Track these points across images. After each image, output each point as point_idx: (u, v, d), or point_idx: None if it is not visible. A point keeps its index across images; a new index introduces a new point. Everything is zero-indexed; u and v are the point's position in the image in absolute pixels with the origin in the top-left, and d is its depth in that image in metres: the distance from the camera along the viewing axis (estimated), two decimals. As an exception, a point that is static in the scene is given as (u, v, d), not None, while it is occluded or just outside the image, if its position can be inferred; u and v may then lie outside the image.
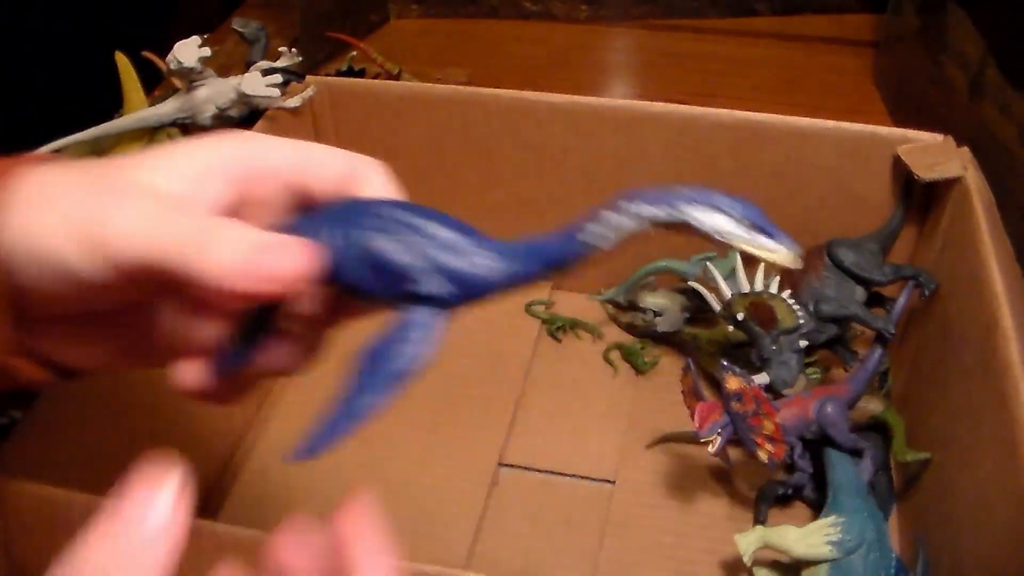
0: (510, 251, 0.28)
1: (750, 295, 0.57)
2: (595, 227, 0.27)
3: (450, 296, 0.28)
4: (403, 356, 0.27)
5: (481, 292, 0.28)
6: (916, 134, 0.61)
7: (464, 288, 0.28)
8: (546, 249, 0.28)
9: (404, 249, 0.28)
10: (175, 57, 0.65)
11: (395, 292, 0.28)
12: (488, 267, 0.28)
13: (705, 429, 0.53)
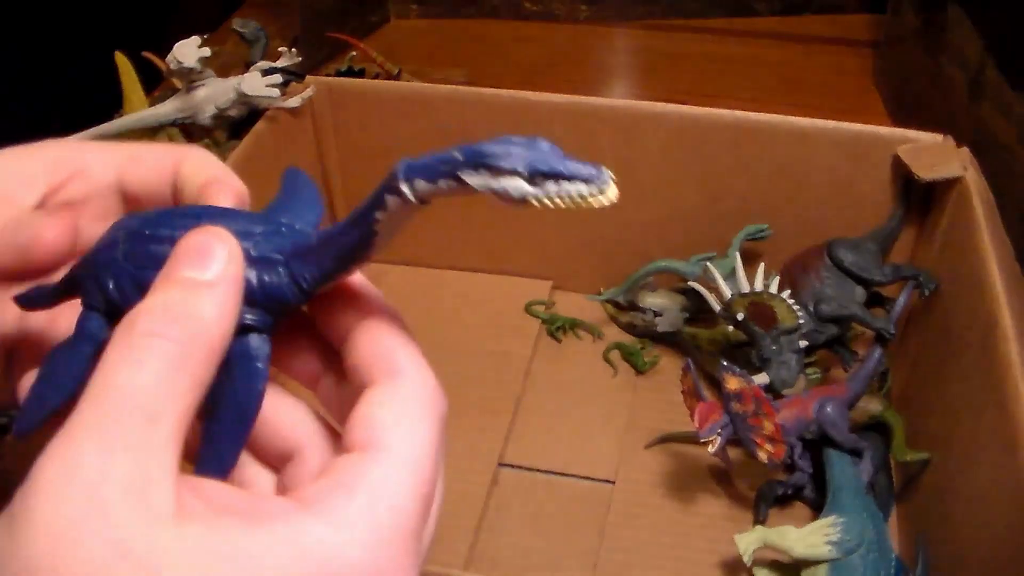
0: (303, 252, 0.25)
1: (750, 295, 0.57)
2: (380, 215, 0.24)
3: (266, 320, 0.25)
4: (248, 394, 0.25)
5: (294, 305, 0.26)
6: (916, 134, 0.61)
7: (277, 307, 0.25)
8: (339, 242, 0.25)
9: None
10: (175, 57, 0.65)
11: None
12: (281, 281, 0.25)
13: (705, 429, 0.53)
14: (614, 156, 0.66)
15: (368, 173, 0.76)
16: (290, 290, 0.25)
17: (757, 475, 0.59)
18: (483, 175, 0.22)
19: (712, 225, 0.67)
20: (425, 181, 0.23)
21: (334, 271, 0.25)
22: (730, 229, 0.66)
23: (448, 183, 0.23)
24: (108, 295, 0.26)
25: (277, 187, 0.31)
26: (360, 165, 0.74)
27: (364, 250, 0.24)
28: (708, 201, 0.67)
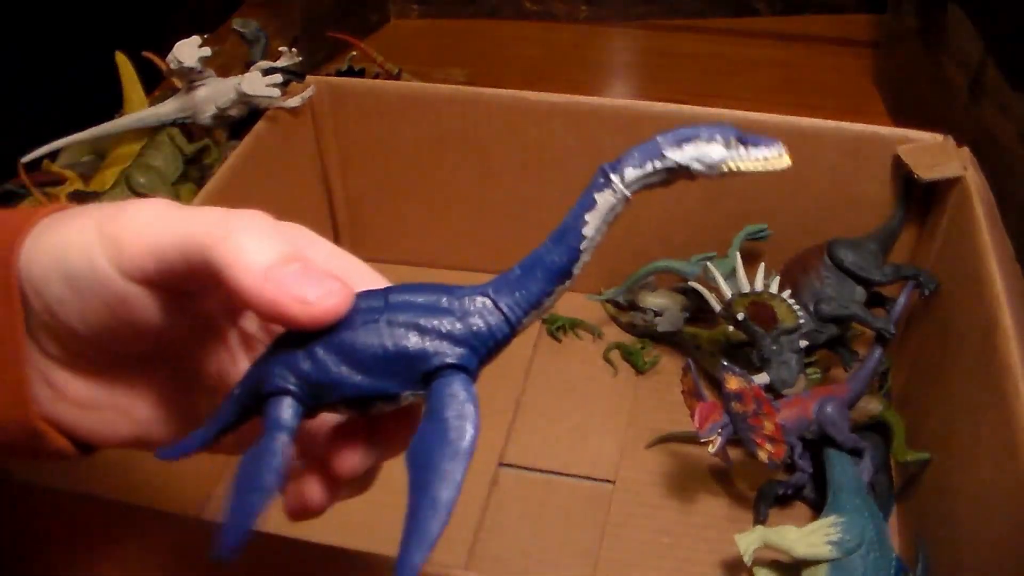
0: (506, 283, 0.26)
1: (750, 295, 0.57)
2: (590, 217, 0.25)
3: (471, 359, 0.25)
4: (460, 437, 0.24)
5: (500, 339, 0.26)
6: (916, 134, 0.61)
7: (482, 341, 0.26)
8: (543, 261, 0.26)
9: (392, 333, 0.25)
10: (175, 57, 0.65)
11: (409, 380, 0.25)
12: (490, 314, 0.26)
13: (705, 429, 0.53)
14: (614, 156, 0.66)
15: (368, 173, 0.77)
16: (498, 325, 0.26)
17: (757, 475, 0.59)
18: (686, 149, 0.24)
19: (712, 225, 0.67)
20: (633, 168, 0.25)
21: (541, 294, 0.26)
22: (730, 229, 0.66)
23: (654, 164, 0.25)
24: (302, 371, 0.26)
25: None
26: (360, 165, 0.74)
27: (571, 263, 0.25)
28: (708, 201, 0.67)
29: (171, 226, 0.26)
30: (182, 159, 0.75)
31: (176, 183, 0.74)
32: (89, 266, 0.26)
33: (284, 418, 0.26)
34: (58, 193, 0.73)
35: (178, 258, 0.26)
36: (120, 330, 0.27)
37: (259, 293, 0.25)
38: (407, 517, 0.23)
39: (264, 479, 0.24)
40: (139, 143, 0.76)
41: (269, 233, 0.26)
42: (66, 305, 0.27)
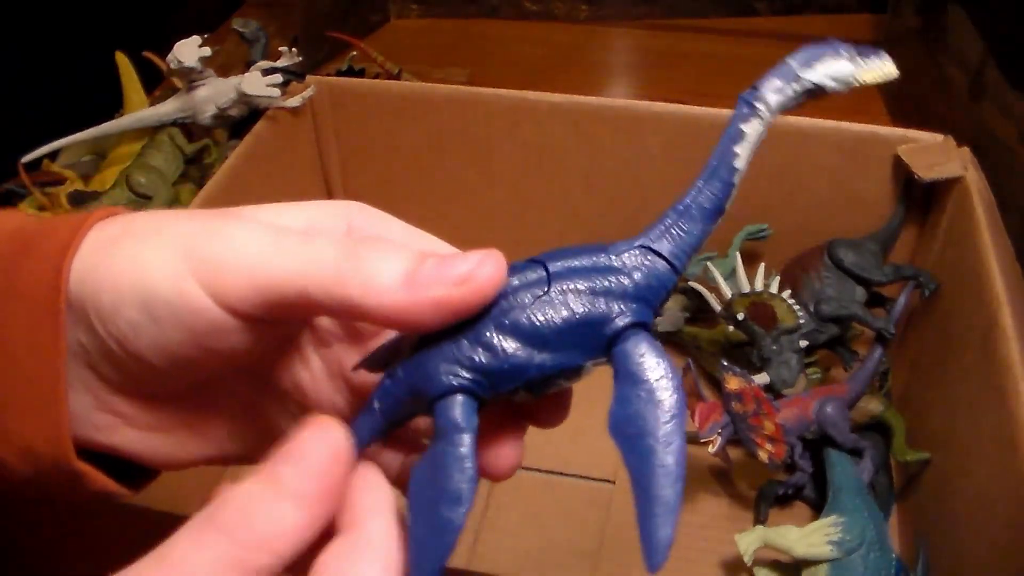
0: (664, 230, 0.25)
1: (750, 295, 0.57)
2: (740, 149, 0.26)
3: (648, 314, 0.24)
4: (669, 398, 0.22)
5: (670, 288, 0.25)
6: (916, 134, 0.61)
7: (654, 293, 0.24)
8: (698, 202, 0.25)
9: (567, 301, 0.24)
10: (175, 57, 0.65)
11: (594, 348, 0.24)
12: (656, 264, 0.25)
13: (705, 429, 0.53)
14: (614, 156, 0.66)
15: (368, 173, 0.77)
16: (666, 275, 0.25)
17: (757, 475, 0.59)
18: (817, 68, 0.25)
19: (712, 225, 0.67)
20: (774, 93, 0.25)
21: (702, 235, 0.25)
22: (730, 229, 0.66)
23: (793, 87, 0.25)
24: (477, 364, 0.24)
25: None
26: (360, 165, 0.74)
27: (726, 198, 0.25)
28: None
29: (280, 259, 0.24)
30: (182, 159, 0.75)
31: (176, 183, 0.74)
32: (178, 294, 0.24)
33: (463, 418, 0.24)
34: (58, 193, 0.73)
35: (293, 295, 0.24)
36: (201, 359, 0.25)
37: (413, 301, 0.23)
38: (637, 493, 0.21)
39: (458, 489, 0.23)
40: (139, 143, 0.76)
41: (390, 245, 0.24)
42: (142, 335, 0.24)
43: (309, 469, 0.23)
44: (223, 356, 0.25)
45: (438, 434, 0.24)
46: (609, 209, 0.69)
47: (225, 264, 0.24)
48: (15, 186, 0.77)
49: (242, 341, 0.25)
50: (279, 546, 0.22)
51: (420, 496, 0.23)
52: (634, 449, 0.22)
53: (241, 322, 0.24)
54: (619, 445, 0.22)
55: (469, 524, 0.58)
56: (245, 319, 0.24)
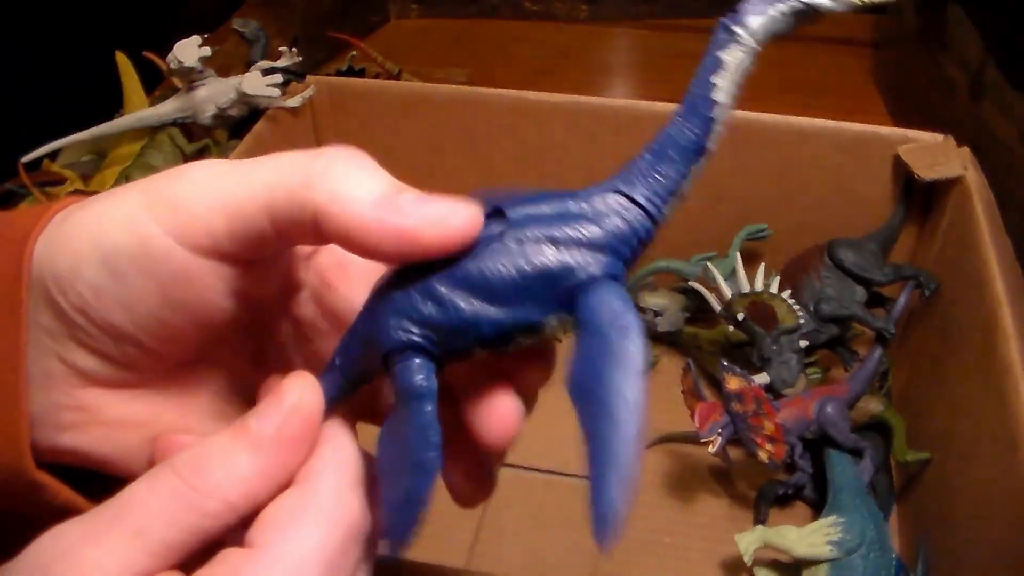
0: (637, 172, 0.23)
1: (750, 295, 0.57)
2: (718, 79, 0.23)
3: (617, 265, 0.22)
4: (629, 351, 0.20)
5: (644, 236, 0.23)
6: (916, 134, 0.61)
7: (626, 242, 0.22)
8: (674, 140, 0.23)
9: (524, 252, 0.21)
10: (175, 57, 0.65)
11: (553, 302, 0.22)
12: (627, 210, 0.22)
13: (705, 429, 0.53)
14: (614, 156, 0.66)
15: (368, 173, 0.76)
16: (639, 222, 0.22)
17: (757, 475, 0.59)
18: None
19: (712, 225, 0.67)
20: (756, 15, 0.23)
21: (679, 177, 0.23)
22: (730, 229, 0.66)
23: (778, 7, 0.22)
24: (425, 317, 0.22)
25: None
26: (360, 165, 0.74)
27: (706, 135, 0.23)
28: (708, 201, 0.67)
29: (244, 179, 0.22)
30: (182, 159, 0.75)
31: (176, 183, 0.74)
32: (138, 241, 0.22)
33: (421, 381, 0.22)
34: (58, 193, 0.73)
35: (258, 213, 0.22)
36: (172, 320, 0.24)
37: (380, 223, 0.21)
38: (589, 451, 0.20)
39: (422, 460, 0.21)
40: (139, 143, 0.76)
41: (369, 166, 0.23)
42: (105, 295, 0.23)
43: (269, 421, 0.23)
44: (198, 315, 0.24)
45: (398, 399, 0.22)
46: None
47: (185, 199, 0.22)
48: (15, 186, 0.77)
49: (216, 291, 0.24)
50: (230, 493, 0.22)
51: (386, 463, 0.23)
52: (588, 406, 0.20)
53: (211, 263, 0.23)
54: (575, 404, 0.21)
55: (469, 524, 0.58)
56: (214, 257, 0.23)
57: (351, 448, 0.24)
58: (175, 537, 0.21)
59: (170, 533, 0.21)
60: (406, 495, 0.22)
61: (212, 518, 0.22)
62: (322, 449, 0.23)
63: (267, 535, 0.21)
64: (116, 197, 0.23)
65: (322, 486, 0.23)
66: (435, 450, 0.21)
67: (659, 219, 0.23)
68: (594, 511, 0.19)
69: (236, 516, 0.22)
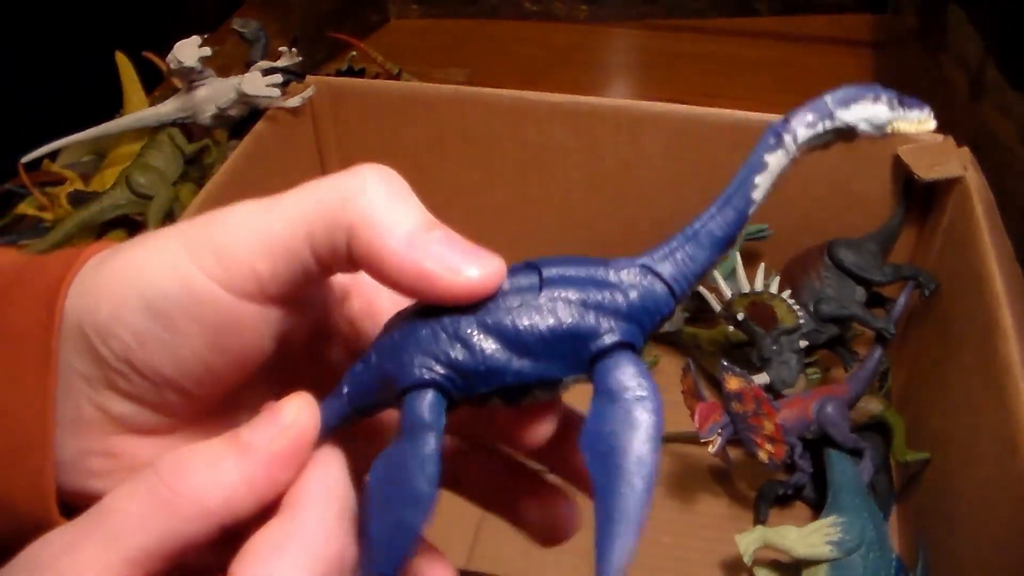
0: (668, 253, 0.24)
1: (750, 295, 0.57)
2: (760, 180, 0.25)
3: (639, 336, 0.23)
4: (647, 418, 0.21)
5: (666, 313, 0.24)
6: (916, 134, 0.61)
7: (648, 316, 0.23)
8: (708, 229, 0.24)
9: (556, 310, 0.22)
10: (175, 57, 0.65)
11: (576, 362, 0.23)
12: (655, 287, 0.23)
13: (705, 429, 0.53)
14: (614, 156, 0.66)
15: (368, 173, 0.76)
16: (664, 299, 0.23)
17: (757, 475, 0.59)
18: (853, 108, 0.24)
19: (712, 225, 0.67)
20: (805, 128, 0.24)
21: (707, 263, 0.24)
22: (730, 229, 0.66)
23: (824, 125, 0.24)
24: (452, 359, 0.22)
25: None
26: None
27: (739, 229, 0.25)
28: (709, 201, 0.67)
29: (282, 213, 0.22)
30: (182, 159, 0.75)
31: (176, 183, 0.74)
32: (184, 288, 0.22)
33: (431, 415, 0.22)
34: (58, 193, 0.73)
35: (300, 246, 0.22)
36: (217, 366, 0.24)
37: (407, 260, 0.21)
38: (600, 512, 0.20)
39: (419, 491, 0.21)
40: (139, 143, 0.76)
41: (404, 191, 0.23)
42: (151, 342, 0.22)
43: (261, 433, 0.22)
44: (241, 359, 0.24)
45: (403, 430, 0.22)
46: (609, 209, 0.69)
47: (227, 243, 0.22)
48: (15, 186, 0.77)
49: (260, 334, 0.23)
50: (209, 498, 0.21)
51: (379, 493, 0.22)
52: (604, 467, 0.21)
53: (256, 307, 0.23)
54: (588, 461, 0.21)
55: (469, 524, 0.58)
56: (259, 301, 0.23)
57: (341, 478, 0.23)
58: (151, 542, 0.21)
59: (146, 537, 0.21)
60: (397, 527, 0.21)
61: (187, 522, 0.21)
62: (311, 476, 0.23)
63: (247, 567, 0.21)
64: (156, 242, 0.23)
65: (308, 517, 0.22)
66: (433, 484, 0.22)
67: (680, 298, 0.24)
68: (605, 562, 0.20)
69: (214, 524, 0.21)
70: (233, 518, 0.22)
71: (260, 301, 0.23)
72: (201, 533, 0.21)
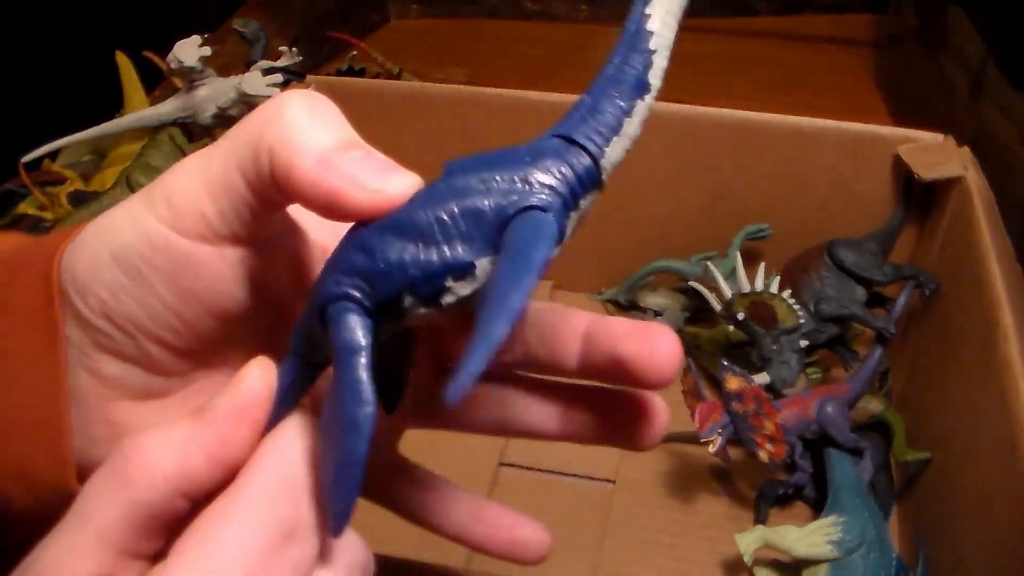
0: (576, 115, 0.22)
1: (750, 295, 0.57)
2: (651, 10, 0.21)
3: (553, 202, 0.21)
4: (531, 248, 0.20)
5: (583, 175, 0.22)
6: (916, 134, 0.61)
7: (561, 178, 0.22)
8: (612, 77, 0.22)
9: (454, 192, 0.21)
10: (175, 56, 0.65)
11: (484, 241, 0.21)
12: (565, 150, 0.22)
13: (705, 429, 0.53)
14: (614, 156, 0.66)
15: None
16: (577, 159, 0.22)
17: (758, 475, 0.59)
18: None
19: (712, 225, 0.67)
20: None
21: (620, 114, 0.22)
22: (730, 229, 0.66)
23: None
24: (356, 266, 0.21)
25: None
26: (360, 165, 0.74)
27: (645, 69, 0.22)
28: (709, 201, 0.67)
29: (218, 151, 0.23)
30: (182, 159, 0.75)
31: (176, 183, 0.74)
32: (141, 235, 0.23)
33: (354, 335, 0.21)
34: (58, 193, 0.73)
35: (234, 178, 0.22)
36: (186, 311, 0.24)
37: (315, 180, 0.21)
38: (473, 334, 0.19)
39: (353, 414, 0.20)
40: (139, 143, 0.76)
41: (323, 112, 0.23)
42: (121, 294, 0.23)
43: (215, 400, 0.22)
44: (210, 303, 0.24)
45: (333, 359, 0.21)
46: (609, 209, 0.69)
47: (175, 189, 0.23)
48: (15, 186, 0.77)
49: (223, 277, 0.24)
50: (165, 465, 0.21)
51: (327, 434, 0.21)
52: (483, 304, 0.19)
53: (211, 248, 0.23)
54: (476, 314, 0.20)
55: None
56: (212, 241, 0.23)
57: (290, 442, 0.22)
58: (116, 515, 0.21)
59: (111, 512, 0.21)
60: (343, 461, 0.20)
61: (145, 490, 0.21)
62: (263, 447, 0.22)
63: (185, 542, 0.20)
64: (124, 203, 0.24)
65: (251, 484, 0.21)
66: (367, 405, 0.20)
67: (599, 157, 0.22)
68: (455, 374, 0.18)
69: (172, 491, 0.21)
70: (193, 485, 0.21)
71: (213, 241, 0.23)
72: (162, 502, 0.21)
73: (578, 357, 0.26)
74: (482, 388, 0.28)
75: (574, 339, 0.26)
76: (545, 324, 0.26)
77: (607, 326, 0.25)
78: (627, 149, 0.22)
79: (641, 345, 0.24)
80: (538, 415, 0.28)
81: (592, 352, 0.25)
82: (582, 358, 0.26)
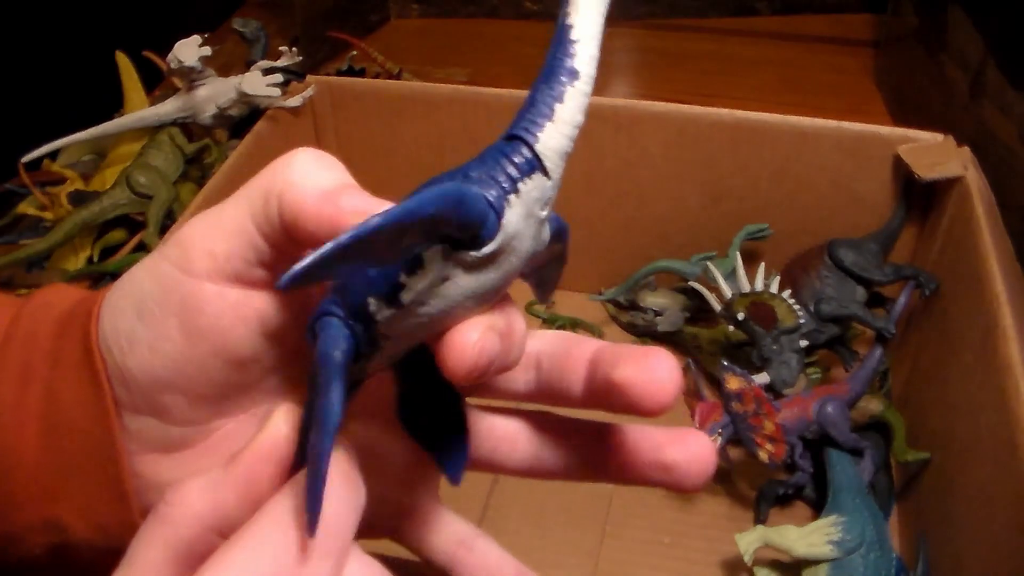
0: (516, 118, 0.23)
1: (750, 295, 0.57)
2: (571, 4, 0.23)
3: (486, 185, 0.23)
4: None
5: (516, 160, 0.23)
6: (916, 134, 0.61)
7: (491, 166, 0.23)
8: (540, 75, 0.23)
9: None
10: (175, 56, 0.65)
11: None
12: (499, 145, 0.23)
13: (706, 429, 0.53)
14: (614, 156, 0.66)
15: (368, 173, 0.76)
16: (510, 147, 0.23)
17: (758, 475, 0.59)
18: None
19: (712, 225, 0.67)
20: None
21: (550, 99, 0.23)
22: (730, 229, 0.66)
23: None
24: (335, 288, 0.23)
25: None
26: (360, 165, 0.74)
27: (564, 56, 0.23)
28: (708, 201, 0.67)
29: (231, 199, 0.24)
30: (182, 159, 0.75)
31: (176, 183, 0.74)
32: (154, 279, 0.24)
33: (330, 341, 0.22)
34: (58, 193, 0.73)
35: (245, 221, 0.23)
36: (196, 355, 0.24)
37: (318, 212, 0.22)
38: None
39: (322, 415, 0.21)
40: (139, 143, 0.76)
41: (328, 163, 0.24)
42: (137, 342, 0.24)
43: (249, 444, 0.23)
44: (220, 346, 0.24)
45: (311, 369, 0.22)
46: (609, 209, 0.69)
47: (187, 235, 0.24)
48: (15, 186, 0.77)
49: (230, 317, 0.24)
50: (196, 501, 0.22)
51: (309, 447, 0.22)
52: None
53: (218, 288, 0.24)
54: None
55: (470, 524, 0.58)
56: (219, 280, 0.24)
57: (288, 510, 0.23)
58: (159, 556, 0.22)
59: (154, 553, 0.22)
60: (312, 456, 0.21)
61: (184, 528, 0.22)
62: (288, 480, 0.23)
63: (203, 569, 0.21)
64: (150, 256, 0.25)
65: (267, 511, 0.22)
66: (336, 404, 0.21)
67: (533, 143, 0.23)
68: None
69: (208, 528, 0.22)
70: (225, 521, 0.22)
71: (221, 281, 0.24)
72: (198, 538, 0.22)
73: (583, 384, 0.26)
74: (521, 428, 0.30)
75: (581, 365, 0.26)
76: (557, 351, 0.27)
77: (610, 351, 0.25)
78: (567, 135, 0.23)
79: (638, 370, 0.24)
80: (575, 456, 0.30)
81: (594, 378, 0.25)
82: (586, 384, 0.26)
